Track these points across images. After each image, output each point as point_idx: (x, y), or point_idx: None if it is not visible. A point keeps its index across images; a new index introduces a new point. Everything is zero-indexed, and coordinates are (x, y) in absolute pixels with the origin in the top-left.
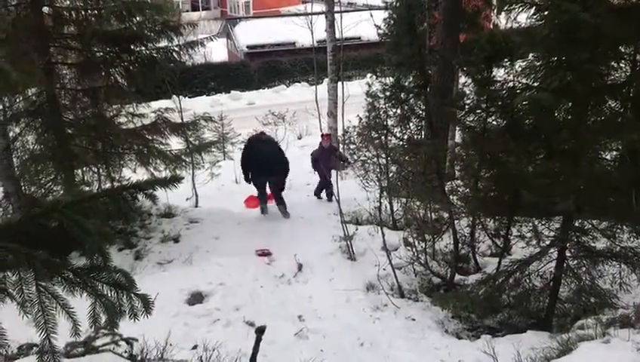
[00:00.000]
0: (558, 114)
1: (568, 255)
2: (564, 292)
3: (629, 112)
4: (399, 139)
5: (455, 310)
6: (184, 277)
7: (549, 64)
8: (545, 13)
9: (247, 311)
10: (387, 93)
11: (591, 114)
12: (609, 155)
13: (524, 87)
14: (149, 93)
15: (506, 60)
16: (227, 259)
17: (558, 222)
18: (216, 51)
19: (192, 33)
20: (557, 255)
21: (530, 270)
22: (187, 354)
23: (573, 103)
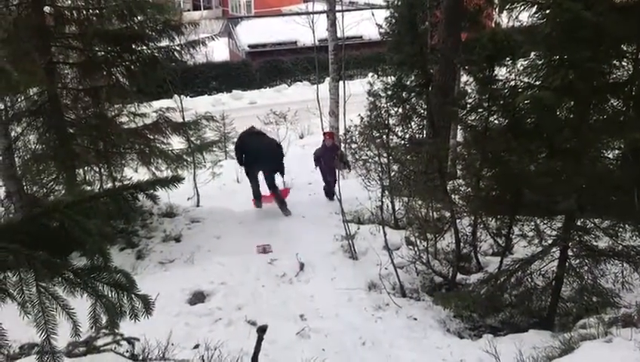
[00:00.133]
0: (560, 113)
1: (570, 254)
2: (567, 292)
3: (631, 111)
4: (401, 138)
5: (457, 309)
6: (186, 277)
7: (550, 63)
8: (547, 11)
9: (249, 311)
10: (389, 92)
11: (593, 112)
12: (611, 154)
13: (526, 86)
14: (150, 93)
15: (507, 59)
16: (229, 258)
17: (560, 221)
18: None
19: (194, 32)
20: (559, 254)
21: (532, 269)
22: (189, 354)
23: (575, 102)
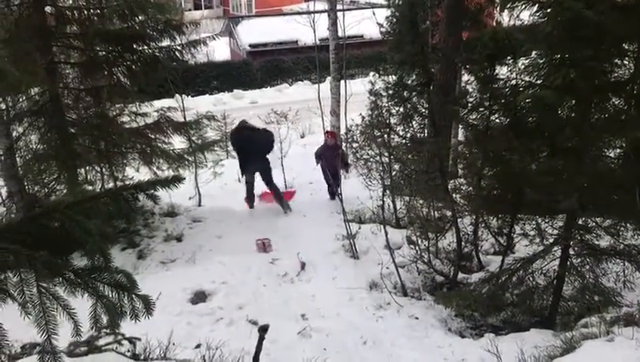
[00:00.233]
0: (562, 111)
1: (572, 253)
2: (568, 291)
3: (632, 110)
4: (402, 137)
5: (458, 308)
6: (187, 276)
7: (552, 61)
8: (548, 10)
9: (251, 310)
10: (390, 92)
11: (594, 111)
12: (613, 153)
13: (527, 85)
14: (151, 93)
15: (509, 58)
16: (230, 257)
17: (561, 220)
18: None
19: (195, 32)
20: (560, 253)
21: (534, 268)
22: (190, 353)
23: (577, 101)
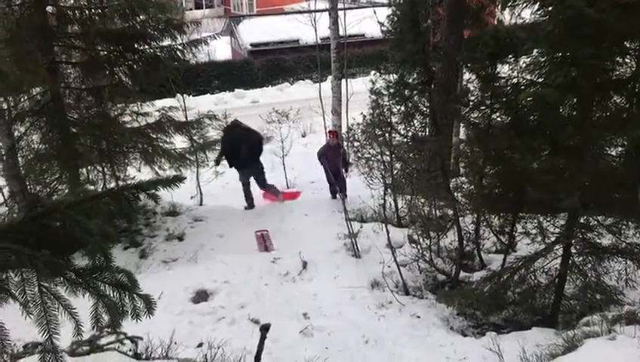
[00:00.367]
0: (563, 110)
1: (573, 251)
2: (570, 289)
3: (634, 108)
4: (403, 136)
5: (460, 307)
6: (189, 276)
7: (553, 60)
8: (549, 8)
9: (252, 309)
10: (391, 90)
11: (596, 110)
12: (614, 151)
13: (529, 83)
14: (153, 92)
15: (510, 56)
16: (232, 257)
17: (563, 219)
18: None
19: (196, 31)
20: (562, 251)
21: (536, 267)
22: (192, 353)
23: (578, 99)
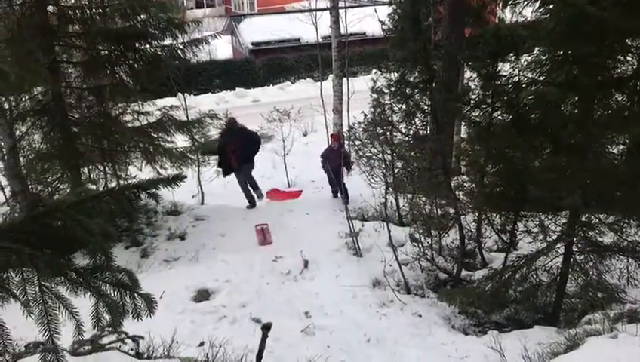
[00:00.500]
0: (565, 108)
1: (575, 250)
2: (571, 287)
3: (635, 106)
4: (404, 134)
5: (462, 306)
6: (190, 275)
7: (554, 58)
8: (550, 6)
9: (254, 308)
10: (392, 89)
11: (597, 108)
12: (616, 149)
13: (530, 82)
14: (154, 91)
15: (511, 55)
16: (233, 256)
17: (564, 217)
18: (221, 48)
19: (197, 30)
20: (564, 250)
21: (537, 265)
22: (193, 351)
23: (580, 97)
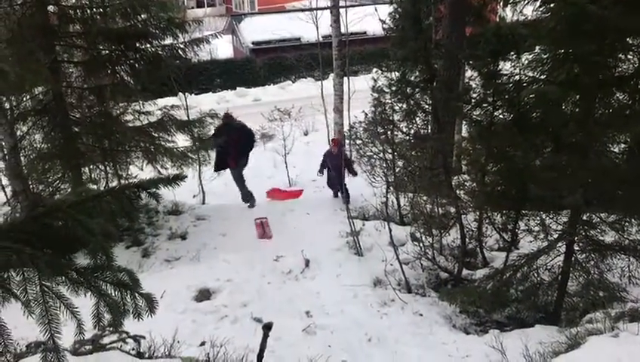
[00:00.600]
0: (566, 107)
1: (576, 248)
2: (573, 286)
3: (637, 105)
4: (405, 133)
5: (463, 305)
6: (191, 274)
7: (555, 57)
8: (551, 5)
9: (255, 308)
10: (393, 88)
11: (599, 106)
12: (617, 148)
13: (531, 80)
14: (154, 91)
15: (512, 53)
16: (234, 255)
17: (566, 216)
18: (222, 48)
19: (197, 30)
20: (565, 249)
21: (538, 264)
22: (195, 351)
23: (581, 96)
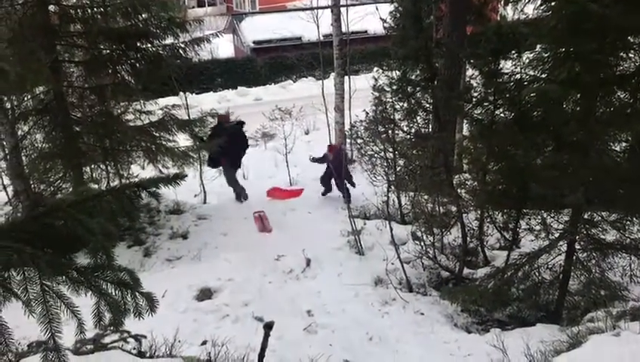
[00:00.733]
0: (567, 105)
1: (578, 247)
2: (574, 285)
3: (638, 103)
4: (406, 132)
5: (464, 304)
6: (193, 274)
7: (556, 55)
8: (552, 3)
9: (256, 307)
10: (394, 87)
11: (600, 105)
12: (618, 147)
13: (532, 79)
14: (155, 90)
15: (513, 52)
16: (235, 255)
17: (567, 215)
18: (223, 47)
19: (198, 29)
20: (566, 247)
21: (540, 263)
22: (196, 350)
23: (582, 94)
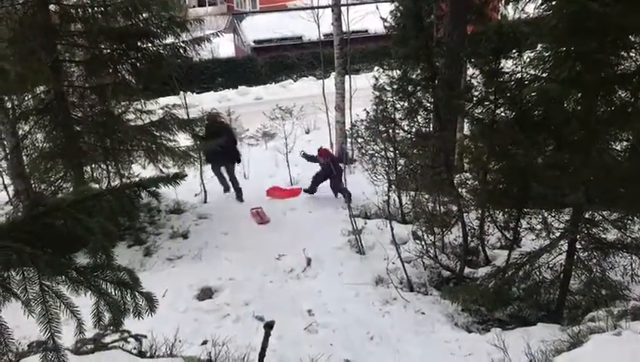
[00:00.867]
0: (568, 104)
1: (578, 247)
2: (575, 285)
3: (639, 102)
4: (407, 132)
5: (465, 303)
6: (193, 273)
7: (557, 54)
8: (553, 3)
9: (257, 306)
10: (394, 86)
11: (601, 104)
12: (619, 146)
13: (533, 78)
14: (156, 90)
15: (514, 51)
16: (236, 254)
17: (568, 214)
18: (223, 47)
19: (199, 29)
20: (567, 247)
21: (540, 262)
22: (197, 350)
23: (583, 94)
